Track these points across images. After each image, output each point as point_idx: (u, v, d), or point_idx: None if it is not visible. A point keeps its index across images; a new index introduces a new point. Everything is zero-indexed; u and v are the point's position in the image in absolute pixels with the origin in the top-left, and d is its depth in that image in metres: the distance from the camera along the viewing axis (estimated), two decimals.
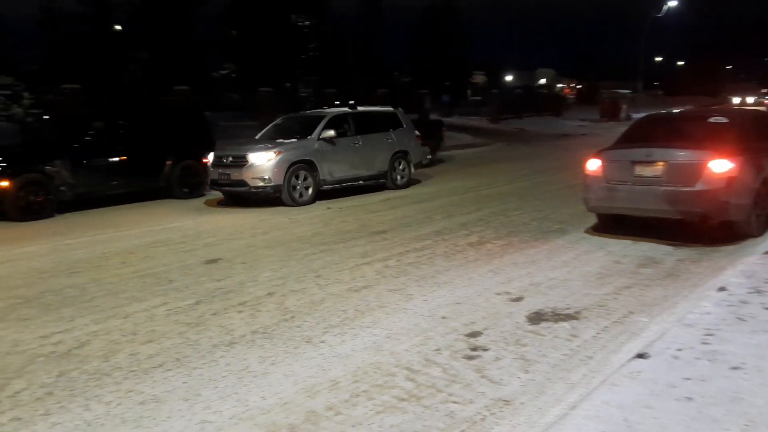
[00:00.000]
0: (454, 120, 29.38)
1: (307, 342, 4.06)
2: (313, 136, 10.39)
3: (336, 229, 7.95)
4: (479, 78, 54.34)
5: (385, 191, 11.34)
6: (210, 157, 10.45)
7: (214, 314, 4.69)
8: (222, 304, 4.92)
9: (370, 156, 11.18)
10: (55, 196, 9.53)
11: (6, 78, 24.02)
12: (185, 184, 11.26)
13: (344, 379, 3.48)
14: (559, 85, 66.01)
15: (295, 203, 9.82)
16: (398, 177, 11.72)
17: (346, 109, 11.59)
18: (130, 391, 3.39)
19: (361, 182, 11.08)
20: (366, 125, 11.41)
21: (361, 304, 4.82)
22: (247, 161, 9.74)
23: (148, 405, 3.23)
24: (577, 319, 4.37)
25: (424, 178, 13.34)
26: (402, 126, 12.02)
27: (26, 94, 22.64)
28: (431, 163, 15.80)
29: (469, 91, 46.63)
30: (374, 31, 41.52)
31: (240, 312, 4.72)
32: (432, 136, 16.29)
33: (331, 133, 10.47)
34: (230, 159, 9.97)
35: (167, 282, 5.65)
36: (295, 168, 9.88)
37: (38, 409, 3.21)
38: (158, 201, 10.83)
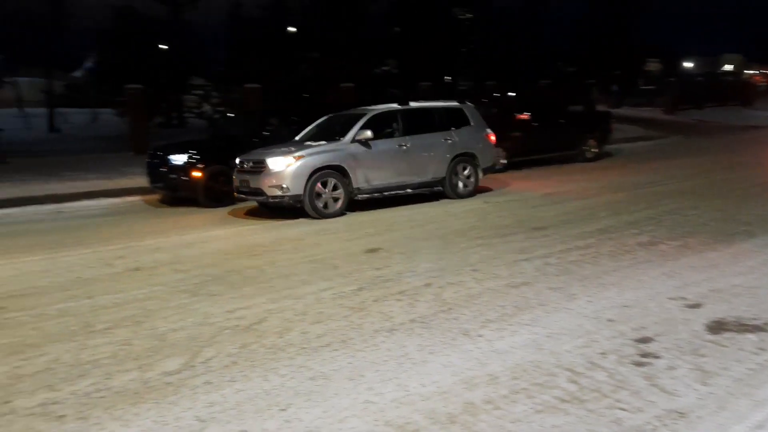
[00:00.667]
0: (624, 111, 27.58)
1: (464, 335, 4.09)
2: (346, 138, 9.04)
3: (493, 224, 7.88)
4: (654, 65, 50.23)
5: (544, 187, 10.96)
6: (237, 162, 9.37)
7: (375, 301, 4.89)
8: (382, 292, 5.12)
9: (421, 160, 9.63)
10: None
11: (199, 79, 27.07)
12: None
13: (503, 375, 3.46)
14: (748, 72, 58.91)
15: (320, 215, 8.64)
16: (460, 184, 9.98)
17: (394, 105, 10.04)
18: (302, 367, 3.67)
19: (408, 191, 9.59)
20: (419, 124, 9.84)
21: (519, 300, 4.75)
22: (265, 167, 8.66)
23: (318, 381, 3.47)
24: (766, 331, 3.92)
25: (588, 172, 12.71)
26: (469, 124, 10.30)
27: (214, 94, 25.36)
28: (597, 157, 15.01)
29: (641, 80, 43.37)
30: (538, 21, 40.21)
31: (399, 300, 4.88)
32: (598, 129, 15.45)
33: (368, 134, 9.05)
34: (251, 164, 8.94)
35: (333, 268, 6.00)
36: (321, 175, 8.66)
37: (225, 376, 3.59)
38: None
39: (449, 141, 9.93)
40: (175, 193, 10.48)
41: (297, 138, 9.94)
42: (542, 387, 3.30)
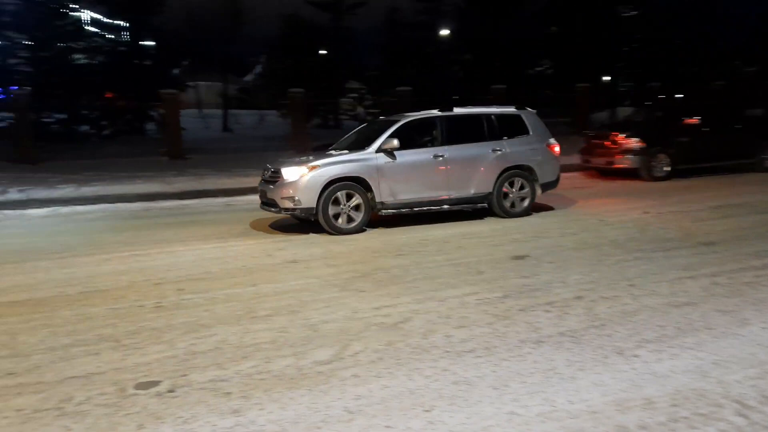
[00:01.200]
0: None
1: (618, 353, 3.87)
2: (371, 147, 8.35)
3: (654, 236, 7.35)
4: None
5: (713, 198, 9.98)
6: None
7: (521, 310, 4.79)
8: (529, 301, 4.99)
9: (461, 172, 8.72)
10: None
11: (354, 83, 28.30)
12: None
13: (660, 400, 3.22)
14: None
15: (335, 231, 8.06)
16: (511, 201, 8.98)
17: (434, 111, 9.09)
18: (446, 370, 3.70)
19: (445, 207, 8.78)
20: (463, 132, 8.92)
21: (682, 321, 4.38)
22: (280, 177, 8.21)
23: (461, 386, 3.48)
24: None
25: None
26: (527, 133, 9.24)
27: (368, 96, 26.38)
28: None
29: None
30: (712, 16, 36.64)
31: (547, 312, 4.73)
32: None
33: (394, 143, 8.29)
34: (269, 174, 8.53)
35: (477, 273, 5.96)
36: (337, 187, 8.06)
37: (372, 371, 3.72)
38: None
39: (499, 152, 8.94)
40: None
41: (333, 145, 9.49)
42: (706, 418, 3.03)
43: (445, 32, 29.94)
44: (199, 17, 31.81)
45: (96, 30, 24.61)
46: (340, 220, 8.13)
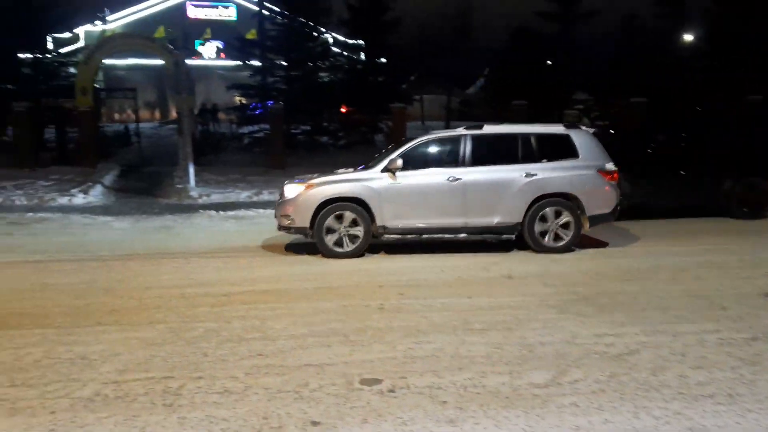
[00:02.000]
0: None
1: None
2: (377, 167, 7.89)
3: None
4: None
5: None
6: None
7: None
8: None
9: (481, 198, 7.82)
10: None
11: (581, 94, 27.09)
12: (746, 203, 10.37)
13: None
14: None
15: (328, 254, 7.68)
16: (549, 234, 7.86)
17: (460, 130, 8.24)
18: (678, 414, 3.35)
19: (461, 235, 7.99)
20: (492, 153, 7.98)
21: None
22: (282, 194, 8.10)
23: None
24: None
25: None
26: (575, 156, 7.95)
27: (595, 108, 25.04)
28: None
29: None
30: None
31: None
32: None
33: (399, 163, 7.72)
34: (280, 190, 8.35)
35: (720, 308, 5.32)
36: (334, 207, 7.67)
37: (592, 402, 3.52)
38: (713, 218, 10.23)
39: (534, 177, 7.82)
40: None
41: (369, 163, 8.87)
42: None
43: (688, 37, 27.12)
44: (428, 33, 33.29)
45: (337, 50, 27.11)
46: (334, 243, 7.75)
